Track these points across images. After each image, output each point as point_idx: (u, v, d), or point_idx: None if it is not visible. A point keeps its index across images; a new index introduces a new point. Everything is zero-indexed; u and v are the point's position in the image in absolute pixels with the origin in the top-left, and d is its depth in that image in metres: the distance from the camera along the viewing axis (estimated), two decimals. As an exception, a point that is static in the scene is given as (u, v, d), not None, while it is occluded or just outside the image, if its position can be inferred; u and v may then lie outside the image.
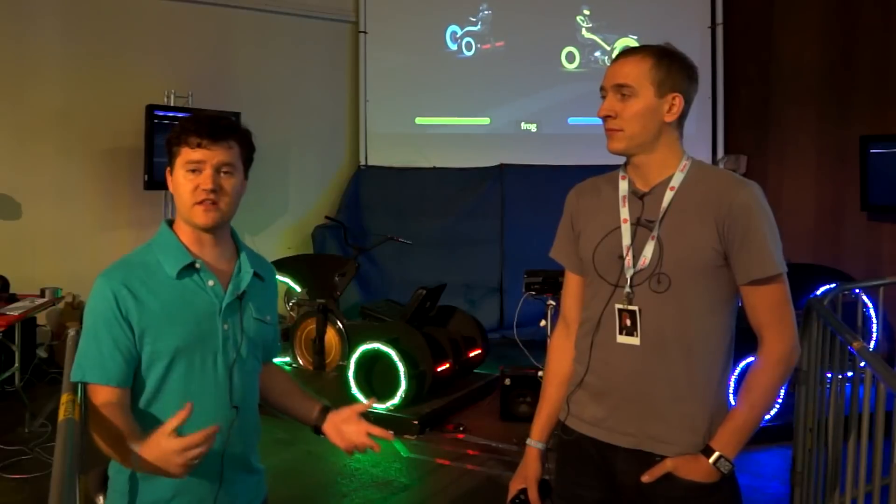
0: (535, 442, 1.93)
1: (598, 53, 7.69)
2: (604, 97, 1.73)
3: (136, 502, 1.66)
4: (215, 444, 1.65)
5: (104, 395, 1.62)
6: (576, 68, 7.72)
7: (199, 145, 1.64)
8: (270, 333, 1.83)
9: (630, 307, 1.70)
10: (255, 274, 1.77)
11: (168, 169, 1.70)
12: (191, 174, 1.65)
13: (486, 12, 7.74)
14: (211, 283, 1.69)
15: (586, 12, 7.70)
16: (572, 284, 1.91)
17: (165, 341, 1.63)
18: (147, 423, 1.62)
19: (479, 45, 7.79)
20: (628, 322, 1.70)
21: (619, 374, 1.72)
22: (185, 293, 1.66)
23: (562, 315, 1.95)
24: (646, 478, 1.68)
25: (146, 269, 1.66)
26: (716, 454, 1.65)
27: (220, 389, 1.68)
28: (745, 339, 1.76)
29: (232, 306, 1.70)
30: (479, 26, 7.76)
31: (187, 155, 1.64)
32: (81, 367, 1.64)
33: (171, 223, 1.74)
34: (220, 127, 1.66)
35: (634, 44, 7.38)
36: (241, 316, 1.72)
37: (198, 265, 1.68)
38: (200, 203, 1.64)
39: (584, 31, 7.71)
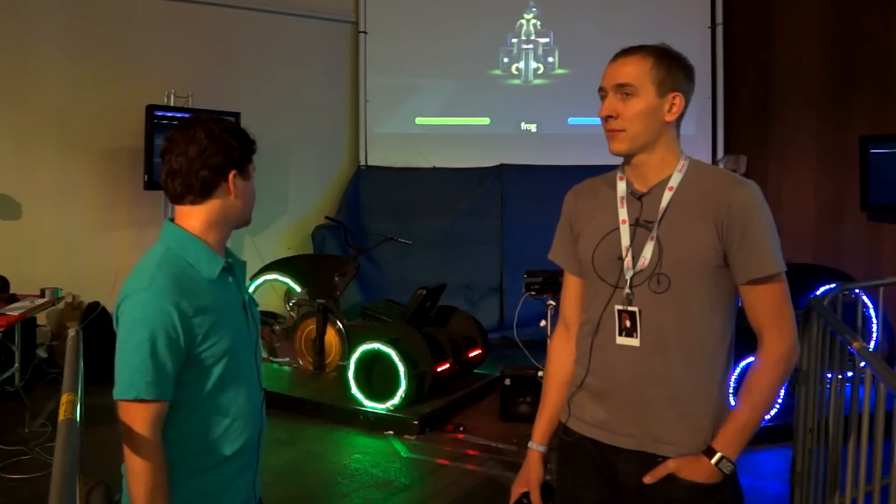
0: (536, 445, 1.92)
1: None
2: (603, 98, 1.72)
3: (205, 492, 1.73)
4: (257, 429, 1.81)
5: (153, 413, 1.60)
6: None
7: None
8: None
9: (630, 308, 1.69)
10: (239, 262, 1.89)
11: (233, 173, 1.72)
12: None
13: (533, 10, 7.74)
14: (230, 279, 1.78)
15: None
16: (571, 286, 1.90)
17: (222, 343, 1.68)
18: (213, 412, 1.71)
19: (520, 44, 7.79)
20: (628, 323, 1.70)
21: (619, 375, 1.72)
22: (223, 293, 1.74)
23: (561, 317, 1.94)
24: (647, 479, 1.67)
25: (186, 276, 1.67)
26: (718, 455, 1.65)
27: (255, 374, 1.81)
28: (745, 340, 1.76)
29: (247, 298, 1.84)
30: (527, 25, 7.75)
31: (252, 166, 1.78)
32: (136, 385, 1.58)
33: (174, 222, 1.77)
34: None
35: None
36: (251, 305, 1.84)
37: (225, 265, 1.76)
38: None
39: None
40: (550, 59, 7.77)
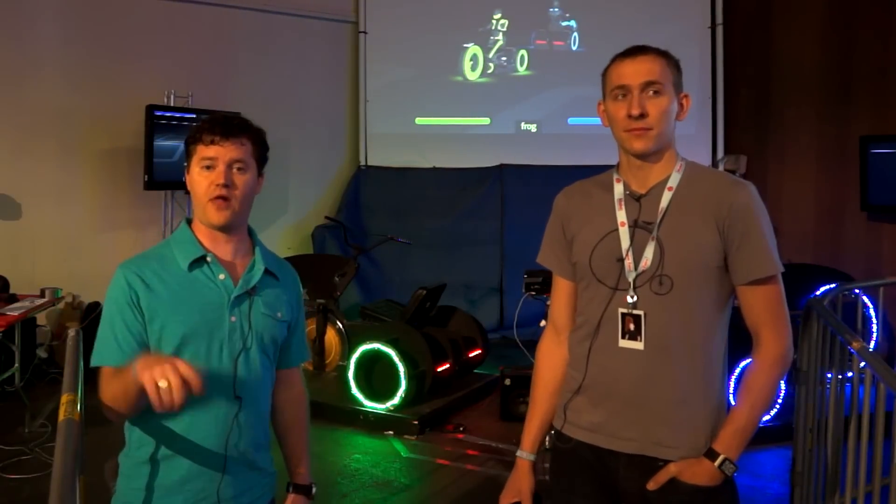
0: (527, 454, 1.88)
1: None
2: (622, 96, 1.67)
3: (144, 485, 1.70)
4: (217, 434, 1.70)
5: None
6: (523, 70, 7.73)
7: (212, 142, 1.69)
8: (282, 331, 1.83)
9: (635, 312, 1.67)
10: (269, 272, 1.81)
11: (186, 169, 1.76)
12: (205, 171, 1.70)
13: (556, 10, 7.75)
14: (222, 276, 1.73)
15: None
16: (563, 289, 1.85)
17: (172, 328, 1.67)
18: (153, 412, 1.64)
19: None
20: (632, 326, 1.67)
21: (621, 379, 1.69)
22: (195, 284, 1.71)
23: (551, 321, 1.89)
24: (651, 485, 1.66)
25: (161, 261, 1.73)
26: (721, 457, 1.64)
27: (223, 379, 1.70)
28: (743, 340, 1.76)
29: (241, 299, 1.74)
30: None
31: (202, 152, 1.70)
32: (99, 353, 1.68)
33: (190, 222, 1.79)
34: (233, 125, 1.73)
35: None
36: (250, 310, 1.74)
37: (209, 259, 1.73)
38: (214, 200, 1.69)
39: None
40: (551, 60, 7.77)
